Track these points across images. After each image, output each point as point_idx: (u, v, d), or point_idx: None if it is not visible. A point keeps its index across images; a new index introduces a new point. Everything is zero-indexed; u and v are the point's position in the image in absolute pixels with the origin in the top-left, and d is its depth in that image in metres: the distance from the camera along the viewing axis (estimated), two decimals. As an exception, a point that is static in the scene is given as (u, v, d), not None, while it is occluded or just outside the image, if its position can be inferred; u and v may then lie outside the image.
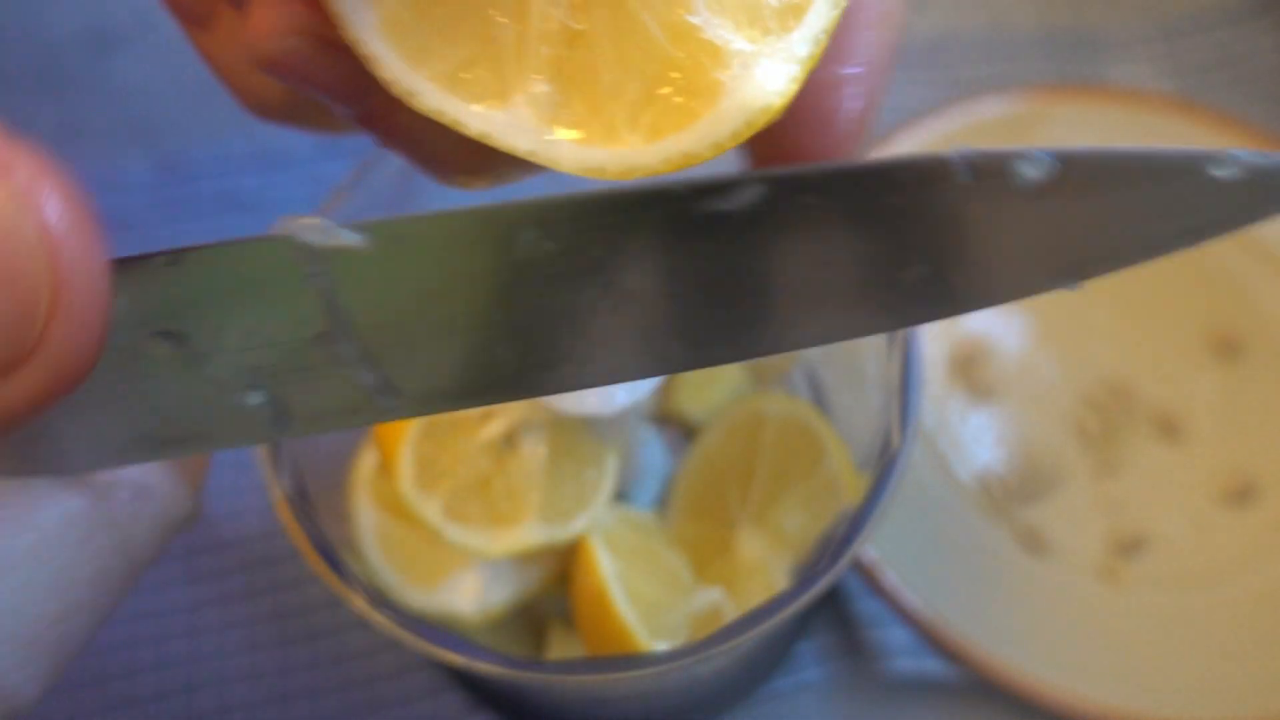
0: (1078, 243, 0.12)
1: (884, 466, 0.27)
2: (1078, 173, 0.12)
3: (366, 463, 0.31)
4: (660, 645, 0.28)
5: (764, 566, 0.30)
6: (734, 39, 0.12)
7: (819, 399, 0.35)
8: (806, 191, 0.12)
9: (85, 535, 0.15)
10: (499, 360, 0.14)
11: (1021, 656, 0.37)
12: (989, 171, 0.12)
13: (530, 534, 0.28)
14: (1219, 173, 0.11)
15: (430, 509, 0.27)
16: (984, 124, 0.48)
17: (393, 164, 0.30)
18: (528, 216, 0.13)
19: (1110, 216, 0.12)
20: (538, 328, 0.14)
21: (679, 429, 0.36)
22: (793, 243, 0.12)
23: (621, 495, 0.33)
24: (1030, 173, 0.12)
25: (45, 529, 0.15)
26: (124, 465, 0.16)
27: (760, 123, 0.13)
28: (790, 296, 0.13)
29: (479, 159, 0.15)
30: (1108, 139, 0.48)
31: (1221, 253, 0.46)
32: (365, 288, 0.13)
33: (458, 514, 0.28)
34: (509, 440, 0.29)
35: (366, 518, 0.30)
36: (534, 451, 0.28)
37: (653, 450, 0.35)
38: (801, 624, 0.39)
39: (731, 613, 0.29)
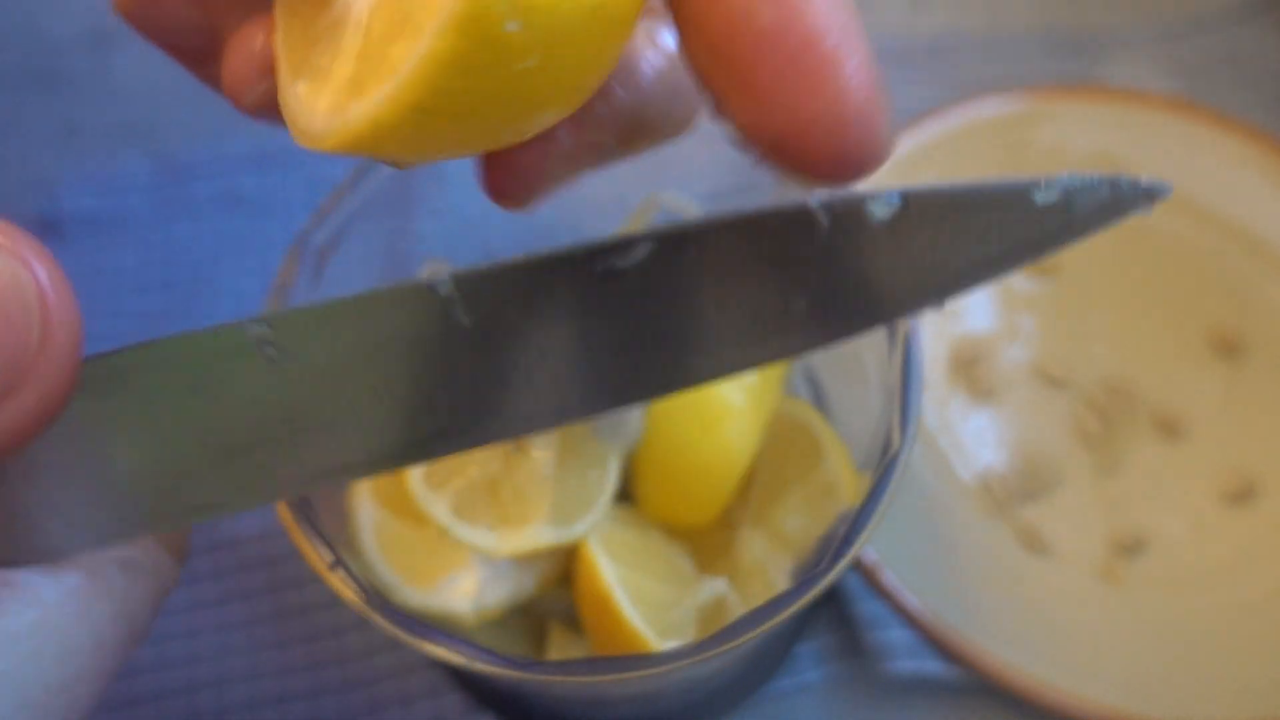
0: (929, 267, 0.14)
1: (884, 467, 0.27)
2: (919, 207, 0.14)
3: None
4: (668, 644, 0.28)
5: (764, 567, 0.30)
6: None
7: (819, 399, 0.35)
8: (688, 244, 0.14)
9: (85, 607, 0.16)
10: (432, 421, 0.16)
11: (1021, 657, 0.37)
12: (845, 212, 0.14)
13: (538, 535, 0.28)
14: (1041, 197, 0.13)
15: (439, 508, 0.28)
16: (984, 124, 0.48)
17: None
18: (446, 291, 0.15)
19: (953, 242, 0.14)
20: (461, 390, 0.15)
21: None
22: (683, 291, 0.14)
23: (623, 496, 0.33)
24: (880, 211, 0.14)
25: (48, 603, 0.16)
26: (108, 544, 0.17)
27: None
28: (688, 339, 0.15)
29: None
30: (1109, 138, 0.48)
31: (1222, 253, 0.46)
32: (297, 370, 0.15)
33: (466, 513, 0.28)
34: (517, 442, 0.29)
35: (366, 516, 0.30)
36: (542, 454, 0.28)
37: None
38: (801, 625, 0.39)
39: (737, 603, 0.29)
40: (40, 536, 0.17)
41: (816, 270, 0.14)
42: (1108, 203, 0.13)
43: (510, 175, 0.17)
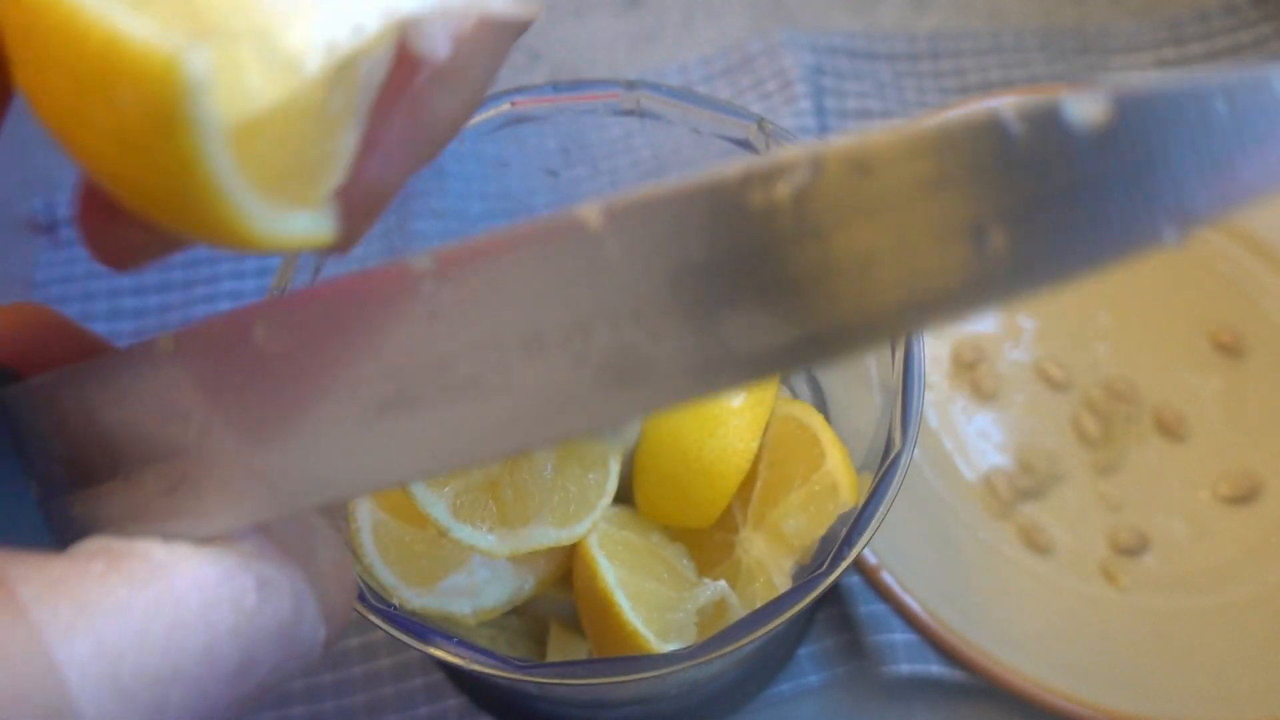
0: (1159, 187, 0.11)
1: (885, 468, 0.27)
2: (1137, 110, 0.11)
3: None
4: (669, 646, 0.28)
5: (765, 568, 0.30)
6: None
7: (820, 400, 0.35)
8: (854, 166, 0.12)
9: (206, 604, 0.15)
10: (581, 382, 0.14)
11: (1022, 658, 0.37)
12: (1040, 119, 0.11)
13: (538, 536, 0.28)
14: None
15: (438, 509, 0.27)
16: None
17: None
18: (596, 225, 0.13)
19: (1185, 149, 0.11)
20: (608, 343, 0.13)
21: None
22: (849, 224, 0.12)
23: (624, 497, 0.33)
24: (1085, 115, 0.11)
25: (172, 586, 0.15)
26: (252, 520, 0.16)
27: None
28: (856, 287, 0.12)
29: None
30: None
31: (1223, 253, 0.46)
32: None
33: (466, 514, 0.28)
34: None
35: (365, 517, 0.30)
36: (544, 455, 0.28)
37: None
38: (804, 628, 0.39)
39: (737, 604, 0.29)
40: (195, 504, 0.16)
41: (1013, 195, 0.11)
42: None
43: (105, 236, 0.17)
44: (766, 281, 0.12)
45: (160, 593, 0.15)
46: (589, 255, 0.13)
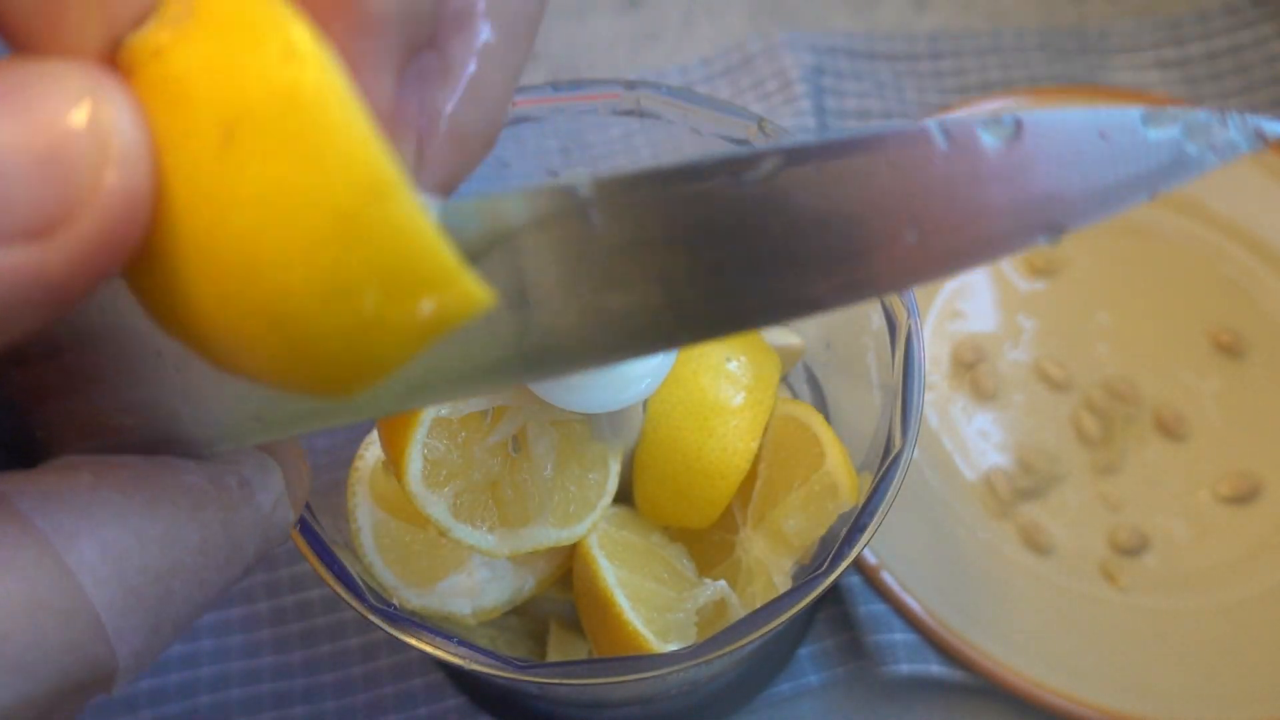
0: (1043, 198, 0.14)
1: (885, 468, 0.27)
2: (1035, 133, 0.14)
3: (366, 461, 0.31)
4: (669, 646, 0.28)
5: (765, 568, 0.30)
6: None
7: (819, 400, 0.35)
8: (807, 161, 0.14)
9: (197, 503, 0.16)
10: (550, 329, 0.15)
11: (1022, 658, 0.37)
12: (961, 137, 0.14)
13: (538, 536, 0.28)
14: (1154, 134, 0.13)
15: (438, 509, 0.27)
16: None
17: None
18: (585, 192, 0.14)
19: (1067, 172, 0.14)
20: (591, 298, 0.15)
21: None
22: (801, 208, 0.14)
23: (624, 497, 0.33)
24: (994, 137, 0.14)
25: (163, 488, 0.16)
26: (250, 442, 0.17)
27: None
28: (798, 264, 0.14)
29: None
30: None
31: (1223, 253, 0.46)
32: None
33: (466, 514, 0.28)
34: (517, 443, 0.29)
35: (365, 517, 0.30)
36: (543, 455, 0.28)
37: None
38: (804, 628, 0.39)
39: (737, 604, 0.29)
40: (183, 427, 0.17)
41: (931, 194, 0.14)
42: (1221, 142, 0.14)
43: None
44: (737, 255, 0.14)
45: (152, 497, 0.16)
46: (579, 220, 0.14)
